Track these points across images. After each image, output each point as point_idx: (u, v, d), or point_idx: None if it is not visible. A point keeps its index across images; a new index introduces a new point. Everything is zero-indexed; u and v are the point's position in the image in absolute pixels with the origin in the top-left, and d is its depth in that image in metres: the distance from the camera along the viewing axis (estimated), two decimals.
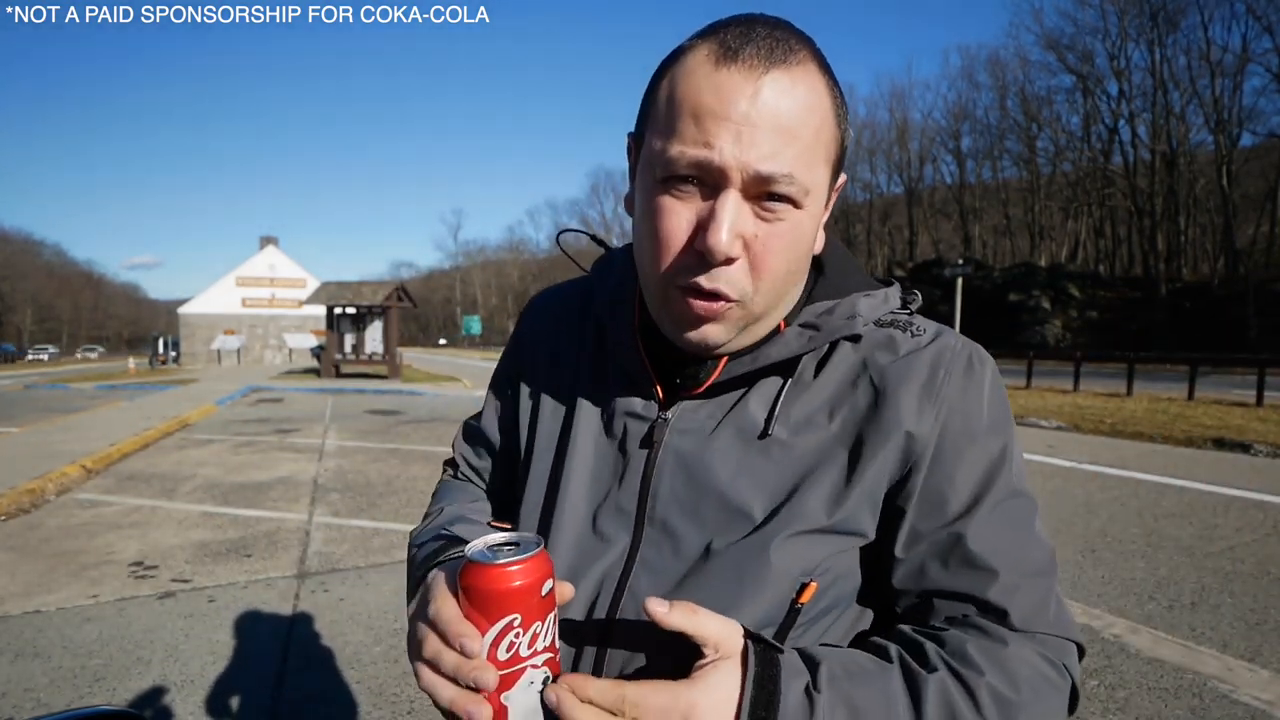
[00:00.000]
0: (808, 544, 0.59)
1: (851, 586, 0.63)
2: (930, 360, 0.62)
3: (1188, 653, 2.91)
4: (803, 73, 0.54)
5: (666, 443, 0.64)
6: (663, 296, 0.59)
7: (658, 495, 0.64)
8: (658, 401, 0.67)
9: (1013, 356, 17.92)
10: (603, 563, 0.64)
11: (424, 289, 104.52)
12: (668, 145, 0.54)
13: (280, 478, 6.67)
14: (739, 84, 0.52)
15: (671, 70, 0.57)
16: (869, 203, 56.22)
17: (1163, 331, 30.99)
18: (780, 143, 0.53)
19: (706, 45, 0.55)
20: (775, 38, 0.54)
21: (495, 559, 0.48)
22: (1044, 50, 42.00)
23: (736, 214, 0.54)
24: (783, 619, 0.59)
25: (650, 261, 0.58)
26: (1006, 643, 0.56)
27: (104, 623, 3.28)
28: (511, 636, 0.48)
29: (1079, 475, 6.47)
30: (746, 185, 0.53)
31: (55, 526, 4.96)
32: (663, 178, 0.55)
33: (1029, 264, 42.80)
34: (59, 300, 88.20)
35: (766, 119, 0.52)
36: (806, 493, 0.60)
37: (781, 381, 0.63)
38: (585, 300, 0.77)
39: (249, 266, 43.28)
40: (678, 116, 0.54)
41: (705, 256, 0.54)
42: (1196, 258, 39.82)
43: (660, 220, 0.56)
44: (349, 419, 11.50)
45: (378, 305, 22.07)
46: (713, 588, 0.60)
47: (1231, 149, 34.27)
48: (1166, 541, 4.43)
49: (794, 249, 0.57)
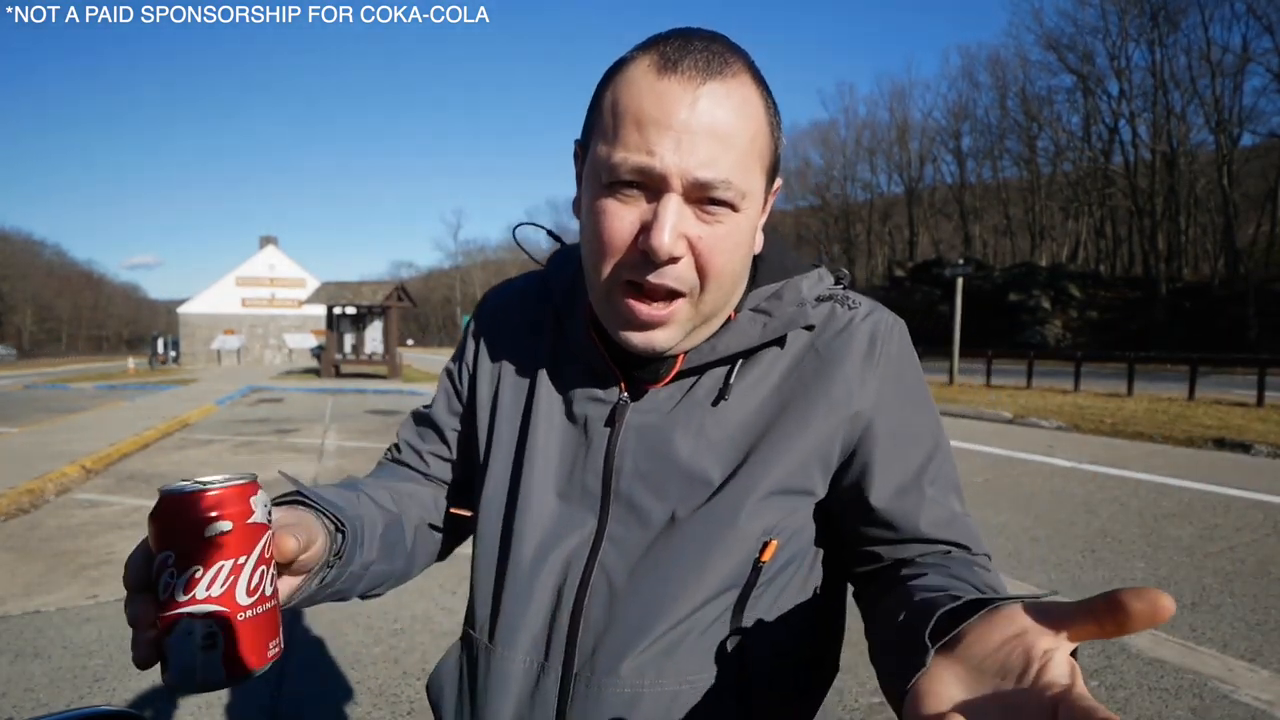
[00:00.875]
0: (766, 505, 0.64)
1: (806, 541, 0.68)
2: (869, 332, 0.68)
3: (1188, 653, 2.91)
4: (737, 84, 0.58)
5: (628, 422, 0.68)
6: (607, 296, 0.62)
7: (621, 472, 0.66)
8: (617, 383, 0.70)
9: (1013, 356, 17.93)
10: (570, 541, 0.67)
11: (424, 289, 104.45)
12: (612, 152, 0.57)
13: (280, 478, 6.67)
14: (678, 94, 0.56)
15: (614, 80, 0.60)
16: (869, 203, 56.22)
17: (1163, 331, 30.99)
18: (718, 150, 0.56)
19: (648, 57, 0.58)
20: (712, 51, 0.57)
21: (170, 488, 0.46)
22: (1044, 50, 41.99)
23: (678, 216, 0.57)
24: (747, 577, 0.64)
25: (596, 262, 0.61)
26: (989, 569, 0.64)
27: (104, 623, 3.28)
28: (166, 577, 0.45)
29: (1079, 475, 6.47)
30: (687, 190, 0.57)
31: (55, 526, 4.96)
32: (608, 183, 0.58)
33: (1029, 264, 42.81)
34: (59, 300, 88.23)
35: (704, 127, 0.56)
36: (762, 457, 0.64)
37: (737, 363, 0.67)
38: (541, 292, 0.79)
39: (249, 266, 43.27)
40: (621, 124, 0.57)
41: (650, 256, 0.57)
42: (1196, 258, 39.81)
43: (605, 222, 0.59)
44: (349, 419, 11.51)
45: (378, 305, 22.08)
46: (679, 555, 0.63)
47: (1232, 149, 34.26)
48: (1166, 541, 4.43)
49: (735, 250, 0.61)
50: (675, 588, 0.63)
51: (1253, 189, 36.31)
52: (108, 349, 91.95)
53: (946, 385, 15.94)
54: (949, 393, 14.20)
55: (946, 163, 52.33)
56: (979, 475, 6.47)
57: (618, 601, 0.64)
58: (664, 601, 0.63)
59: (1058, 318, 36.13)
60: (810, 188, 59.55)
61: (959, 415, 10.92)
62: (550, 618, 0.66)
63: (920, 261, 49.16)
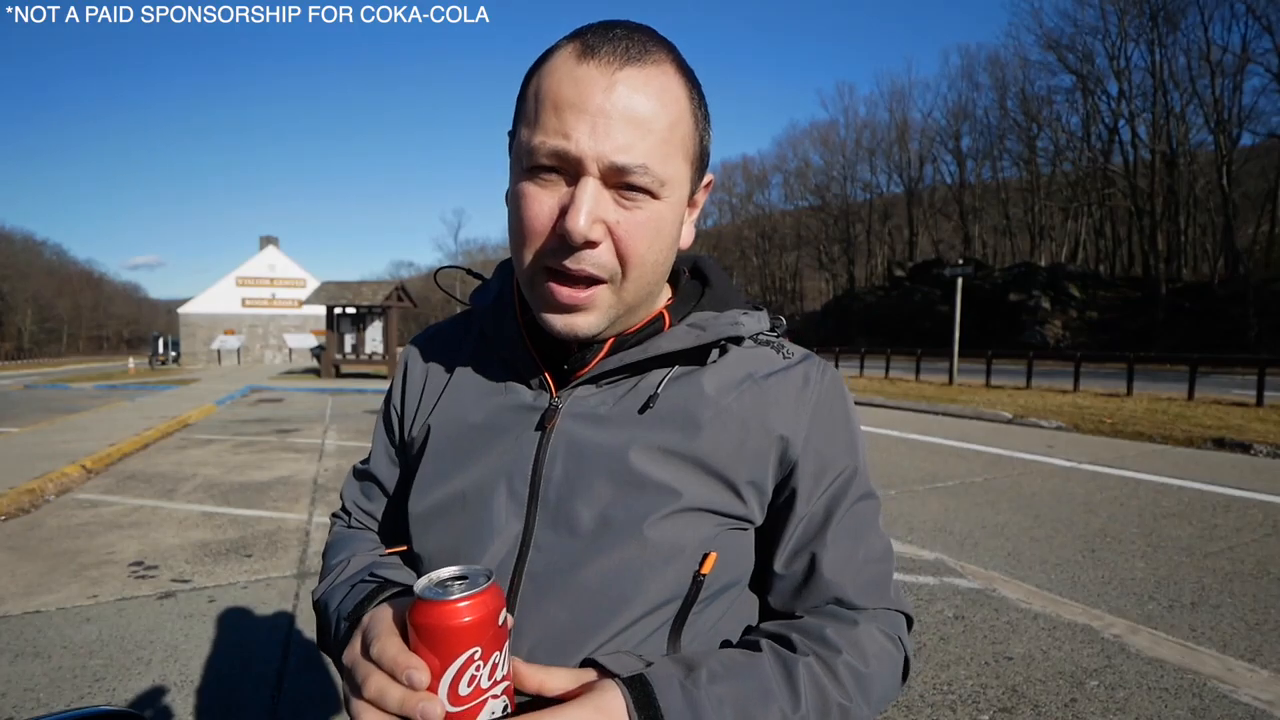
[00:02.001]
0: (701, 519, 0.63)
1: (746, 565, 0.68)
2: (801, 376, 0.69)
3: (1188, 653, 2.91)
4: (657, 72, 0.58)
5: (559, 427, 0.66)
6: (531, 280, 0.62)
7: (550, 479, 0.65)
8: (548, 390, 0.69)
9: (1012, 356, 17.91)
10: (495, 550, 0.64)
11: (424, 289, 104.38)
12: (532, 136, 0.58)
13: (280, 478, 6.67)
14: (595, 78, 0.56)
15: (539, 69, 0.60)
16: (869, 203, 56.17)
17: (1163, 331, 30.97)
18: (634, 135, 0.56)
19: (570, 45, 0.59)
20: (632, 39, 0.58)
21: (448, 595, 0.48)
22: (1044, 50, 41.91)
23: (595, 200, 0.57)
24: (687, 590, 0.62)
25: (519, 247, 0.61)
26: (856, 622, 0.64)
27: (104, 623, 3.28)
28: (473, 670, 0.48)
29: (1079, 475, 6.47)
30: (604, 174, 0.57)
31: (55, 526, 4.96)
32: (528, 167, 0.58)
33: (1029, 264, 42.77)
34: (59, 300, 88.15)
35: (620, 112, 0.56)
36: (696, 470, 0.64)
37: (670, 369, 0.68)
38: (465, 326, 0.80)
39: (249, 266, 43.25)
40: (541, 109, 0.58)
41: (566, 239, 0.57)
42: (1196, 258, 39.79)
43: (526, 207, 0.59)
44: (349, 419, 11.51)
45: (378, 305, 22.07)
46: (613, 565, 0.61)
47: (1231, 149, 34.21)
48: (1166, 541, 4.43)
49: (656, 238, 0.60)
50: (612, 599, 0.61)
51: (1252, 189, 36.28)
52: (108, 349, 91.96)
53: (946, 385, 15.94)
54: (949, 393, 14.20)
55: (946, 163, 52.34)
56: (979, 475, 6.47)
57: (548, 613, 0.62)
58: (599, 613, 0.61)
59: (1057, 318, 36.10)
60: (810, 188, 59.56)
61: (959, 415, 10.92)
62: None
63: (920, 261, 49.16)
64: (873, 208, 56.07)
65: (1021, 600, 3.49)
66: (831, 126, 58.87)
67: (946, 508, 5.30)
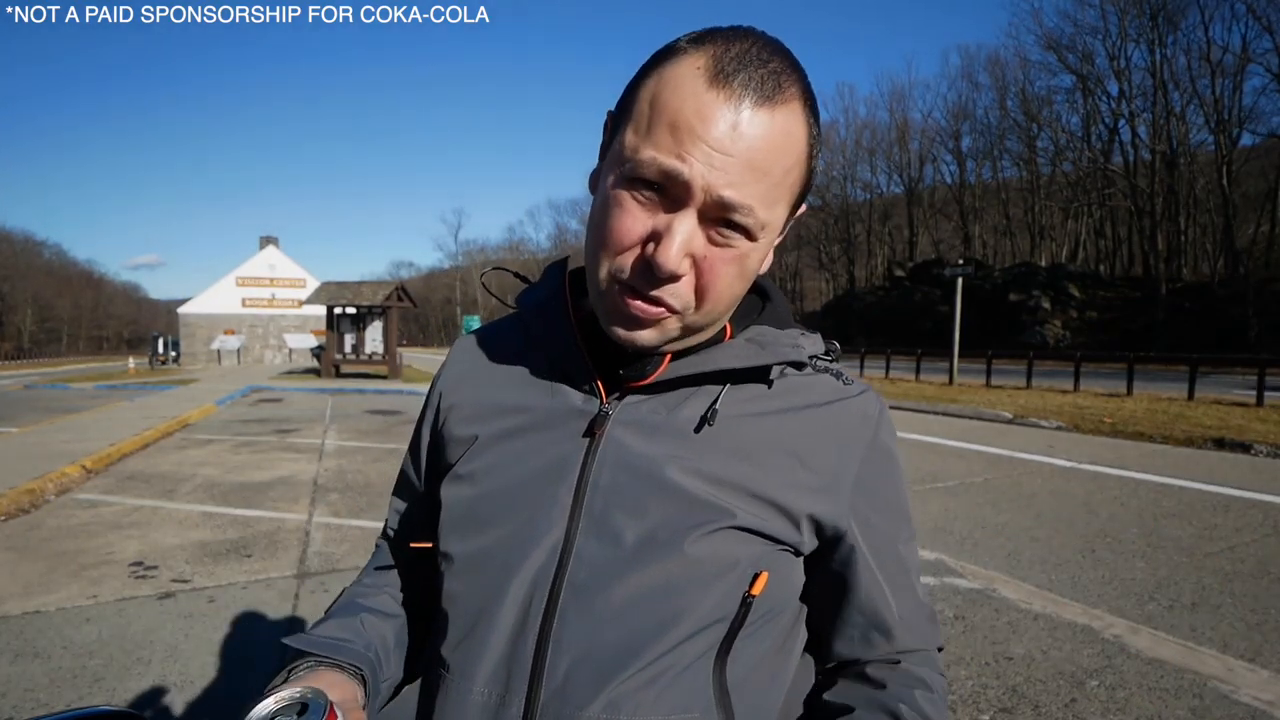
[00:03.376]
0: (748, 540, 0.61)
1: (793, 593, 0.67)
2: (860, 410, 0.68)
3: (1188, 653, 2.91)
4: (786, 112, 0.55)
5: (609, 435, 0.64)
6: (606, 288, 0.60)
7: (597, 486, 0.63)
8: (598, 395, 0.67)
9: (1012, 356, 17.91)
10: (535, 558, 0.62)
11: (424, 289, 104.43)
12: (641, 146, 0.55)
13: (280, 478, 6.67)
14: (723, 110, 0.53)
15: (661, 71, 0.57)
16: (869, 203, 56.20)
17: (1163, 331, 30.97)
18: (749, 176, 0.54)
19: (701, 58, 0.55)
20: (769, 69, 0.55)
21: None
22: (1044, 50, 41.96)
23: (690, 234, 0.55)
24: (735, 612, 0.60)
25: (600, 252, 0.59)
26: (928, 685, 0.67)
27: (104, 623, 3.28)
28: None
29: (1079, 475, 6.47)
30: (707, 207, 0.55)
31: (55, 526, 4.96)
32: (630, 176, 0.56)
33: (1029, 264, 42.79)
34: (59, 300, 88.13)
35: (741, 150, 0.53)
36: (748, 494, 0.62)
37: (726, 384, 0.66)
38: (511, 327, 0.79)
39: (249, 266, 43.24)
40: (657, 122, 0.55)
41: (653, 269, 0.55)
42: (1196, 258, 39.79)
43: (618, 217, 0.57)
44: (349, 419, 11.50)
45: (378, 305, 22.07)
46: (657, 580, 0.59)
47: (1231, 149, 34.22)
48: (1166, 541, 4.43)
49: (739, 277, 0.60)
50: (659, 617, 0.59)
51: (1252, 189, 36.28)
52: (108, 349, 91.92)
53: (946, 385, 15.94)
54: (949, 393, 14.20)
55: (946, 163, 52.38)
56: (979, 475, 6.47)
57: (589, 629, 0.59)
58: (644, 634, 0.58)
59: (1057, 318, 36.10)
60: (810, 188, 59.46)
61: (959, 415, 10.91)
62: (512, 642, 0.61)
63: (920, 261, 49.15)
64: (873, 208, 56.08)
65: (1021, 600, 3.49)
66: (831, 127, 58.85)
67: (946, 508, 5.30)
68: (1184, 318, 31.53)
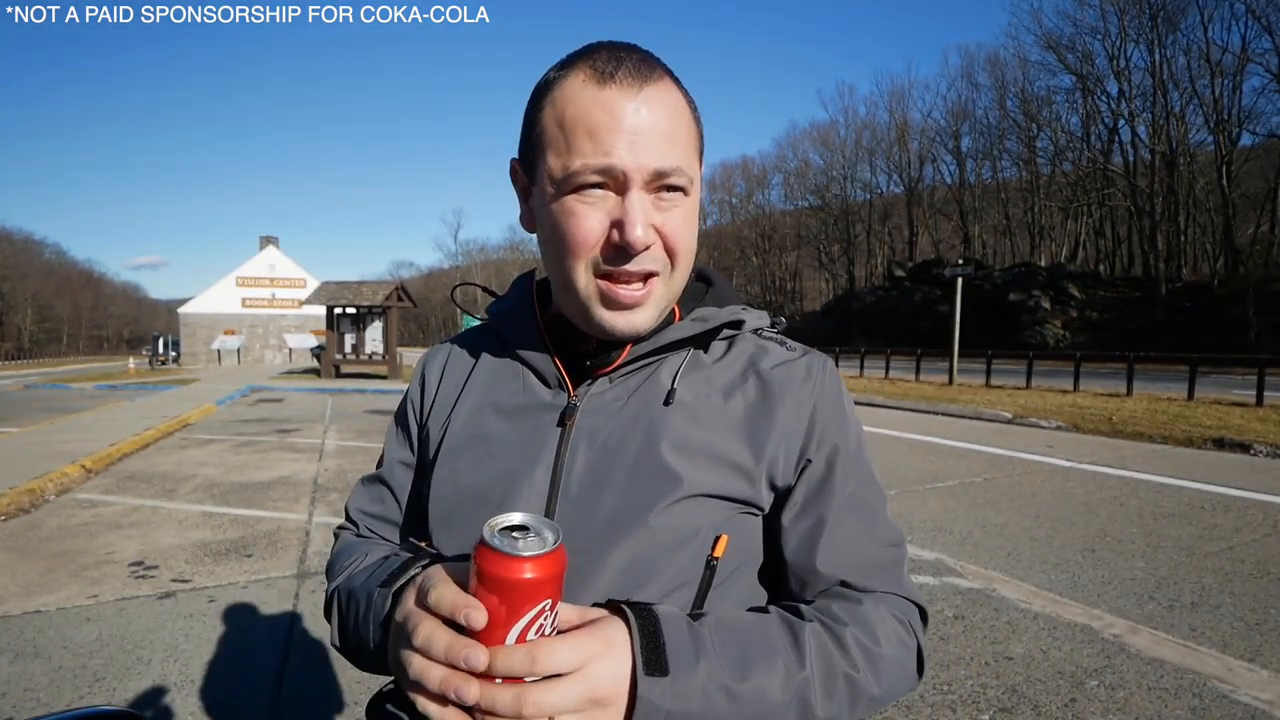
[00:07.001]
0: (709, 505, 0.66)
1: (756, 549, 0.71)
2: (804, 367, 0.73)
3: (1188, 653, 2.91)
4: (665, 85, 0.64)
5: (578, 422, 0.70)
6: (585, 285, 0.66)
7: (571, 471, 0.68)
8: (566, 389, 0.73)
9: (1012, 356, 17.91)
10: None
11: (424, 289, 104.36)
12: (569, 161, 0.62)
13: (280, 478, 6.67)
14: (622, 100, 0.61)
15: (552, 98, 0.64)
16: (869, 203, 56.16)
17: (1163, 331, 30.95)
18: (666, 144, 0.62)
19: (581, 72, 0.63)
20: (636, 58, 0.63)
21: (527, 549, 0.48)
22: (1044, 50, 41.89)
23: (644, 208, 0.63)
24: (701, 575, 0.65)
25: (570, 262, 0.65)
26: (861, 601, 0.66)
27: (104, 623, 3.28)
28: (542, 620, 0.49)
29: (1079, 475, 6.47)
30: (646, 182, 0.62)
31: (55, 526, 4.96)
32: (570, 189, 0.63)
33: (1029, 264, 42.77)
34: (59, 300, 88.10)
35: (650, 127, 0.62)
36: (708, 460, 0.67)
37: (681, 359, 0.72)
38: (481, 335, 0.84)
39: (249, 266, 43.25)
40: (574, 135, 0.62)
41: (627, 249, 0.62)
42: (1196, 258, 39.78)
43: (577, 222, 0.63)
44: (349, 419, 11.51)
45: (378, 305, 22.08)
46: (627, 554, 0.64)
47: (1231, 149, 34.21)
48: (1166, 541, 4.43)
49: (689, 230, 0.67)
50: (628, 588, 0.63)
51: (1252, 189, 36.27)
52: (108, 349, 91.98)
53: (946, 385, 15.94)
54: (949, 393, 14.20)
55: (946, 163, 52.34)
56: (979, 475, 6.48)
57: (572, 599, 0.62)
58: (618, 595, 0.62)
59: (1057, 318, 36.09)
60: (810, 188, 59.56)
61: (959, 415, 10.92)
62: None
63: (920, 261, 49.13)
64: (873, 208, 56.06)
65: (1021, 600, 3.49)
66: (831, 127, 58.98)
67: (946, 508, 5.30)
68: (1184, 318, 31.52)
